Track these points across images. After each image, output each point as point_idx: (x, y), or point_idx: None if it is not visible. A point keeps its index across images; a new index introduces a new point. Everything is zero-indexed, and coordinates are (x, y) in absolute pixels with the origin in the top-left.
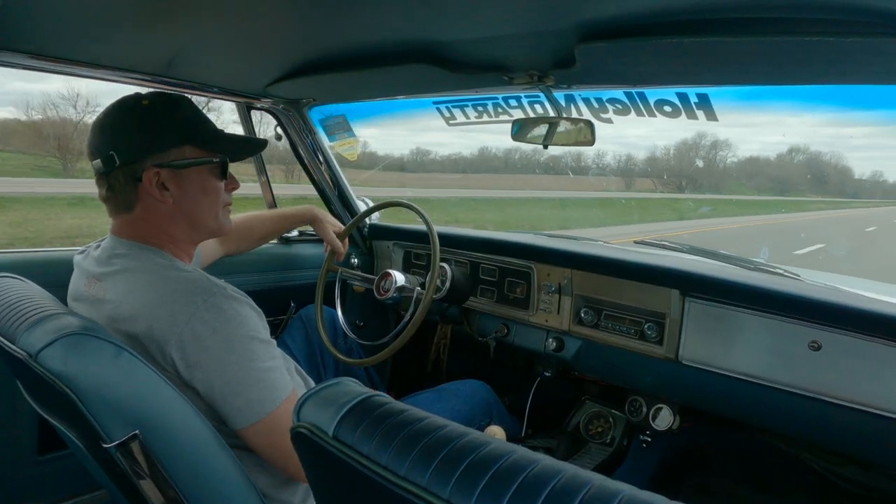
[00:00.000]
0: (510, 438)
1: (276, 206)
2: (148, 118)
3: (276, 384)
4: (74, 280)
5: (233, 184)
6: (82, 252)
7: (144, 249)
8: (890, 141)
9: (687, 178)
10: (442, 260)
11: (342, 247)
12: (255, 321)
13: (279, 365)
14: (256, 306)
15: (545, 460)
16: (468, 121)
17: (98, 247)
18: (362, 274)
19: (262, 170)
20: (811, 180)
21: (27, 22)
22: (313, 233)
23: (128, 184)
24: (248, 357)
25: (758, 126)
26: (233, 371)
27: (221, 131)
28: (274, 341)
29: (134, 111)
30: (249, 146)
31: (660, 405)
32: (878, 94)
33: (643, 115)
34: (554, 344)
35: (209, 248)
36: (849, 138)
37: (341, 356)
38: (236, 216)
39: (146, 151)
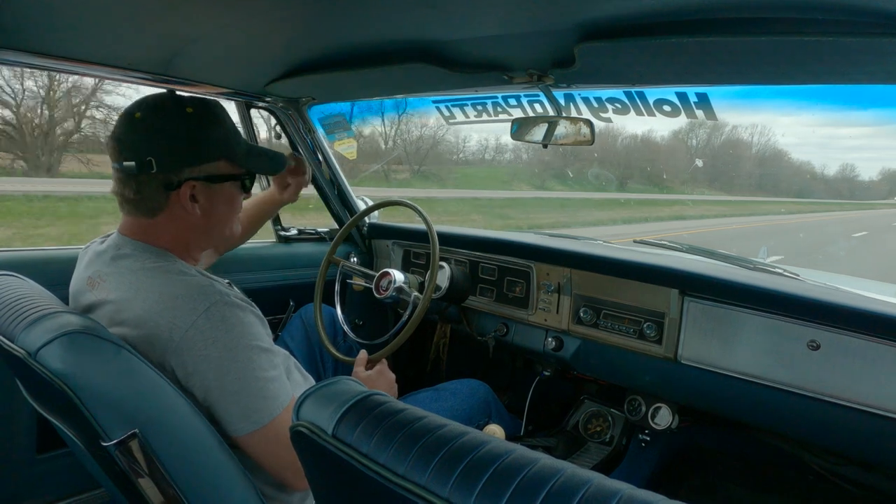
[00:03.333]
0: (509, 437)
1: None
2: (191, 128)
3: (276, 394)
4: (76, 278)
5: (248, 195)
6: (87, 248)
7: (151, 251)
8: (887, 141)
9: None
10: (441, 259)
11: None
12: (258, 329)
13: (280, 374)
14: (260, 313)
15: (544, 459)
16: (468, 120)
17: (103, 242)
18: (363, 269)
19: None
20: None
21: (27, 20)
22: (312, 232)
23: (159, 191)
24: (249, 366)
25: (759, 125)
26: (232, 380)
27: (253, 146)
28: (276, 349)
29: (178, 118)
30: (276, 163)
31: (659, 404)
32: (877, 93)
33: (643, 115)
34: (553, 343)
35: (209, 252)
36: (847, 138)
37: (340, 355)
38: None
39: (185, 163)
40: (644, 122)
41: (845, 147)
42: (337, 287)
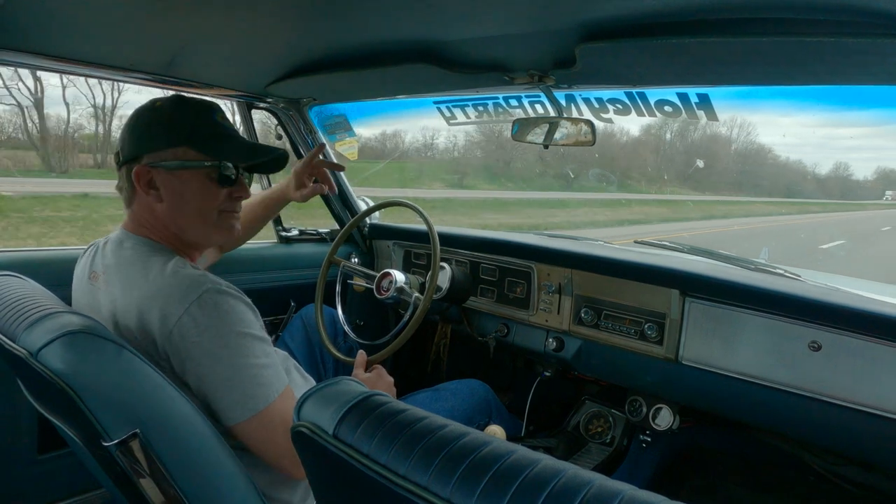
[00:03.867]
0: (510, 438)
1: None
2: (151, 119)
3: (270, 380)
4: (79, 272)
5: (239, 192)
6: (90, 248)
7: (149, 245)
8: (885, 142)
9: None
10: (442, 259)
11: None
12: (250, 317)
13: (273, 362)
14: (251, 303)
15: (545, 460)
16: (469, 120)
17: (107, 242)
18: (364, 269)
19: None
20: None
21: (30, 21)
22: (314, 232)
23: (128, 180)
24: (241, 353)
25: (760, 126)
26: (225, 367)
27: (235, 136)
28: (269, 338)
29: (143, 113)
30: (260, 154)
31: (660, 405)
32: (877, 93)
33: (644, 115)
34: (554, 344)
35: (210, 250)
36: (849, 138)
37: (341, 355)
38: None
39: (141, 150)
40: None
41: (844, 147)
42: (338, 288)
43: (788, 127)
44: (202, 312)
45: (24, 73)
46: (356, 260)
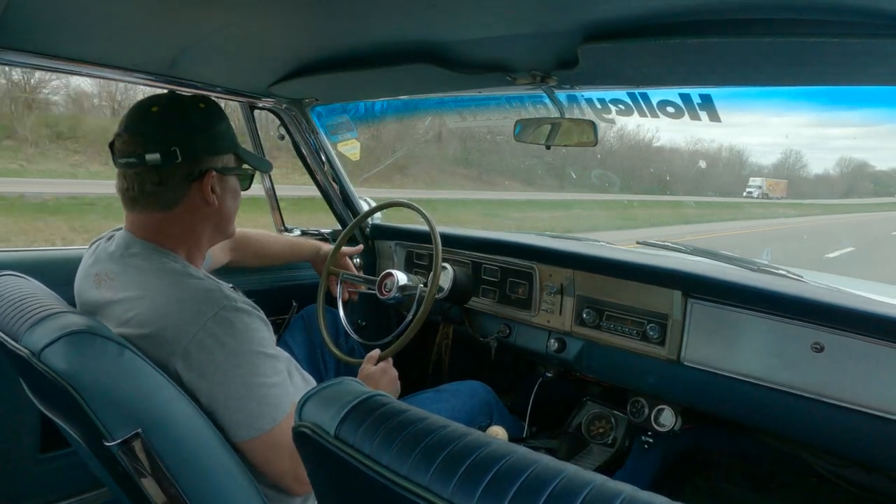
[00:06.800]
0: (512, 439)
1: (279, 209)
2: (208, 121)
3: (278, 400)
4: (82, 274)
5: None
6: (93, 245)
7: (159, 252)
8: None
9: None
10: (444, 260)
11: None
12: (264, 334)
13: (283, 380)
14: (265, 317)
15: (546, 461)
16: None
17: (111, 239)
18: (364, 276)
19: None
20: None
21: (32, 21)
22: (315, 233)
23: (182, 182)
24: (253, 373)
25: (762, 126)
26: (236, 386)
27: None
28: (280, 355)
29: (195, 112)
30: (264, 163)
31: (661, 406)
32: (875, 93)
33: (646, 116)
34: (556, 344)
35: (217, 255)
36: (853, 138)
37: (343, 355)
38: (255, 231)
39: (207, 153)
40: None
41: (837, 147)
42: (338, 290)
43: (796, 127)
44: (218, 330)
45: None
46: (357, 261)
